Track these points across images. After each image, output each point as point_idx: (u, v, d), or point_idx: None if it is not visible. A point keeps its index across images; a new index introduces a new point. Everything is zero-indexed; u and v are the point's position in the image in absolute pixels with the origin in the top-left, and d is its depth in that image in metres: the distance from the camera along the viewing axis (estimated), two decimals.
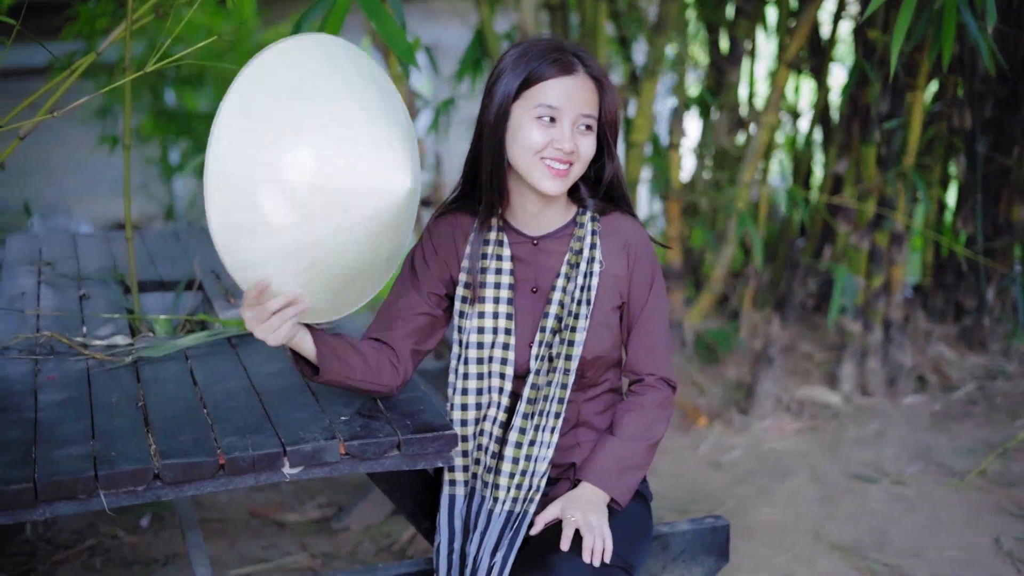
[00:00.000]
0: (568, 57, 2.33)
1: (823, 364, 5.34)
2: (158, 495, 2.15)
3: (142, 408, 2.40)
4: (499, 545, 2.36)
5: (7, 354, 2.74)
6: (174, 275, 3.48)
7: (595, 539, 2.29)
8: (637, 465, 2.45)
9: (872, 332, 5.22)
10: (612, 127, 2.40)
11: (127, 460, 2.14)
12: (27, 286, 3.34)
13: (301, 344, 2.23)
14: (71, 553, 3.84)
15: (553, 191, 2.34)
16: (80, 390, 2.51)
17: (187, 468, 2.14)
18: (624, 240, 2.48)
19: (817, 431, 4.89)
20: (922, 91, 4.99)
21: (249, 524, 4.11)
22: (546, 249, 2.47)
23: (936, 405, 5.07)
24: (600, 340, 2.46)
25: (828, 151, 5.51)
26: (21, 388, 2.52)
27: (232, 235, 2.03)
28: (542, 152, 2.31)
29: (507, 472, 2.41)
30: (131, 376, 2.61)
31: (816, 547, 3.89)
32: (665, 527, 2.75)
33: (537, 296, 2.46)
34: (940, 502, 4.21)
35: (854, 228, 5.22)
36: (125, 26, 2.97)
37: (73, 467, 2.11)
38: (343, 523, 4.03)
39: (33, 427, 2.30)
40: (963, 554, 3.82)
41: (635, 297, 2.49)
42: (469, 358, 2.45)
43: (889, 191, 5.08)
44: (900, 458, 4.61)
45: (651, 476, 4.45)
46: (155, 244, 3.87)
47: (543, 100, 2.31)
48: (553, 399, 2.42)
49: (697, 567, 2.77)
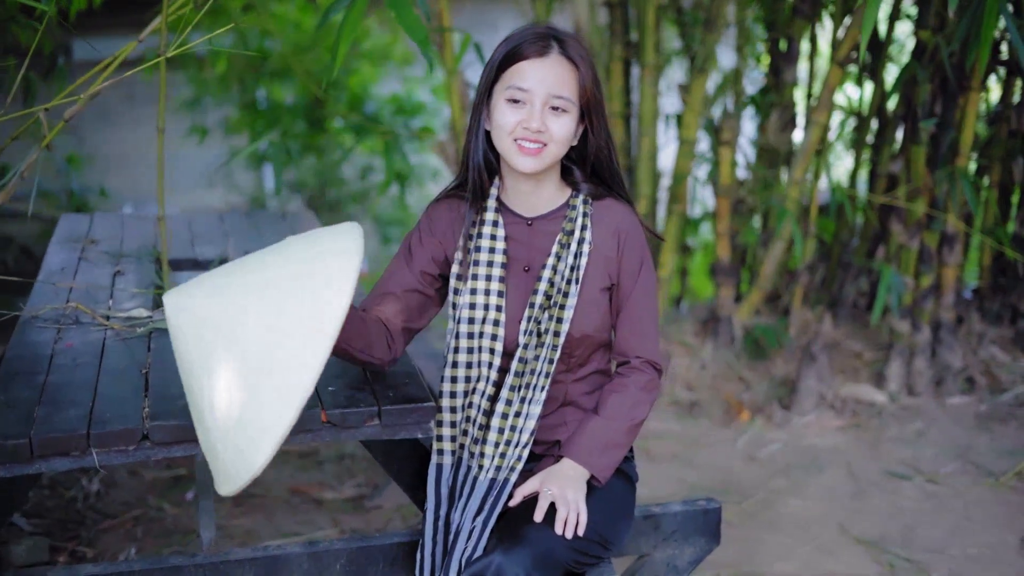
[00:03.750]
0: (545, 40, 2.43)
1: (872, 363, 5.34)
2: (148, 455, 2.28)
3: (145, 375, 2.54)
4: (480, 510, 2.47)
5: (34, 323, 2.90)
6: (209, 255, 3.63)
7: (569, 512, 2.37)
8: (618, 444, 2.53)
9: (920, 332, 5.20)
10: (594, 107, 2.48)
11: (119, 421, 2.28)
12: (68, 262, 3.51)
13: None
14: (116, 522, 4.02)
15: (527, 169, 2.43)
16: (93, 357, 2.66)
17: (175, 430, 2.28)
18: (615, 225, 2.56)
19: (859, 429, 4.90)
20: (977, 92, 4.96)
21: (289, 501, 4.25)
22: (540, 230, 2.56)
23: (982, 406, 5.04)
24: (588, 319, 2.54)
25: (882, 151, 5.49)
26: (39, 353, 2.68)
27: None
28: (513, 132, 2.42)
29: (492, 441, 2.51)
30: (143, 346, 2.75)
31: (841, 540, 3.92)
32: (657, 507, 2.82)
33: (529, 275, 2.55)
34: (972, 501, 4.21)
35: (904, 228, 5.20)
36: (162, 17, 3.10)
37: (69, 426, 2.26)
38: (375, 501, 4.16)
39: (41, 389, 2.45)
40: (987, 552, 3.83)
41: (624, 281, 2.57)
42: (460, 333, 2.55)
43: (937, 192, 5.06)
44: (938, 457, 4.61)
45: (684, 466, 4.52)
46: (199, 226, 4.02)
47: (514, 82, 2.42)
48: (540, 373, 2.51)
49: (688, 547, 2.83)
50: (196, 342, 2.12)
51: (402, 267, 2.59)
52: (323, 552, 2.59)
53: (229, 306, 2.10)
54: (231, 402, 2.08)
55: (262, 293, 2.10)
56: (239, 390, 2.07)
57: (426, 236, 2.60)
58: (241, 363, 2.07)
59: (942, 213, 5.09)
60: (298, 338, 2.04)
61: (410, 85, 9.29)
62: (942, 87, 5.00)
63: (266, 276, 2.13)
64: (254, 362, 2.06)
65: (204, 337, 2.10)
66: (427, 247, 2.59)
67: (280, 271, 2.13)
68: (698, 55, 5.29)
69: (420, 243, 2.60)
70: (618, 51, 5.56)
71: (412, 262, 2.58)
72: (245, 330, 2.07)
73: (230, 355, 2.08)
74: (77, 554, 3.77)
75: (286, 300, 2.07)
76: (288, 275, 2.11)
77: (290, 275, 2.11)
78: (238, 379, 2.07)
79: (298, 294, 2.07)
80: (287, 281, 2.10)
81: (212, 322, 2.10)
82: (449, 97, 5.34)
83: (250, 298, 2.09)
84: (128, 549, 3.80)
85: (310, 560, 2.58)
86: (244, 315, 2.08)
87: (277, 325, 2.05)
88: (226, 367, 2.08)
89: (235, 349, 2.08)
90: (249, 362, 2.07)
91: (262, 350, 2.06)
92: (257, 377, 2.06)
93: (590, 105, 2.48)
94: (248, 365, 2.07)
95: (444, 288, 2.61)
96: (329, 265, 2.11)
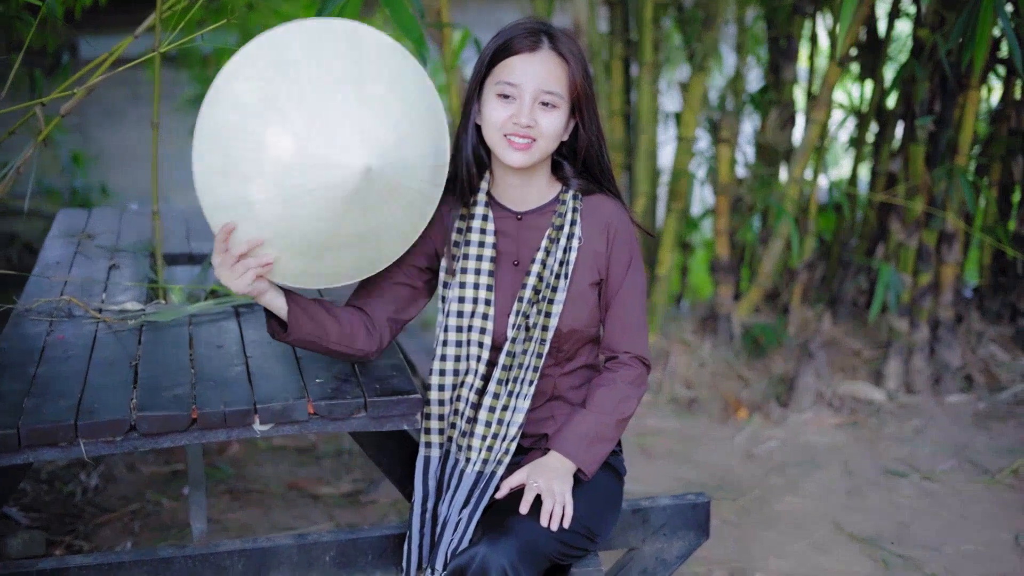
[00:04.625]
0: (535, 35, 2.43)
1: (870, 361, 5.34)
2: (135, 446, 2.30)
3: (135, 367, 2.55)
4: (467, 503, 2.48)
5: (27, 316, 2.91)
6: (204, 250, 3.64)
7: (555, 505, 2.39)
8: (605, 438, 2.54)
9: (919, 330, 5.20)
10: (585, 103, 2.48)
11: (107, 412, 2.30)
12: (63, 256, 3.53)
13: (273, 302, 2.38)
14: (113, 516, 4.04)
15: (516, 163, 2.44)
16: (83, 349, 2.68)
17: (161, 420, 2.29)
18: (605, 220, 2.57)
19: (856, 426, 4.90)
20: (976, 91, 4.96)
21: (286, 496, 4.27)
22: (530, 224, 2.57)
23: (981, 405, 5.04)
24: (577, 314, 2.55)
25: (882, 149, 5.49)
26: (31, 346, 2.70)
27: (206, 177, 2.25)
28: (503, 127, 2.42)
29: (480, 434, 2.53)
30: (134, 339, 2.77)
31: (835, 537, 3.93)
32: (646, 501, 2.83)
33: (518, 269, 2.56)
34: (968, 499, 4.21)
35: (903, 226, 5.21)
36: (157, 13, 3.12)
37: (57, 417, 2.28)
38: (371, 496, 4.17)
39: (31, 381, 2.47)
40: (981, 549, 3.83)
41: (613, 276, 2.58)
42: (449, 326, 2.56)
43: (936, 190, 5.06)
44: (935, 455, 4.61)
45: (682, 463, 4.53)
46: (195, 222, 4.04)
47: (504, 77, 2.43)
48: (528, 367, 2.52)
49: (677, 541, 2.84)
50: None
51: None
52: (312, 544, 2.61)
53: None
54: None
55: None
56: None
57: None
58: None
59: (941, 211, 5.09)
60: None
61: None
62: (941, 85, 5.00)
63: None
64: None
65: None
66: (417, 241, 2.59)
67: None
68: (697, 53, 5.29)
69: None
70: (618, 49, 5.57)
71: (402, 255, 2.59)
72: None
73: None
74: (73, 548, 3.78)
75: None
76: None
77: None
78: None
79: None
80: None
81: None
82: (448, 93, 5.35)
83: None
84: (124, 543, 3.82)
85: (300, 552, 2.60)
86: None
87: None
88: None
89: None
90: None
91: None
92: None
93: (580, 100, 2.48)
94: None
95: (433, 281, 2.63)
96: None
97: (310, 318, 2.41)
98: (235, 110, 2.21)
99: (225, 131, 2.21)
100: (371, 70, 2.28)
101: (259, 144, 2.19)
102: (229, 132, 2.21)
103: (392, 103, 2.29)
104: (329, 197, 2.22)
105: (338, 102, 2.22)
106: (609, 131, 5.55)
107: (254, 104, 2.20)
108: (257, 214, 2.22)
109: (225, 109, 2.21)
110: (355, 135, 2.21)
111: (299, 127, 2.19)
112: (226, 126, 2.21)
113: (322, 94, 2.22)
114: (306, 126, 2.19)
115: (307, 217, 2.23)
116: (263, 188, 2.19)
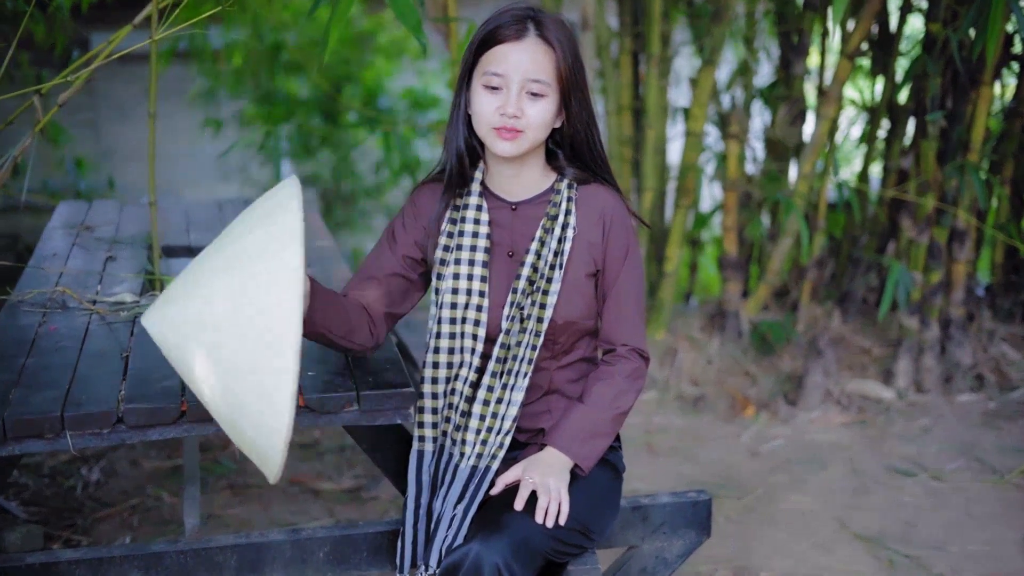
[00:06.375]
0: (521, 23, 2.38)
1: (880, 359, 5.29)
2: (123, 439, 2.26)
3: (125, 359, 2.52)
4: (462, 498, 2.44)
5: (21, 307, 2.89)
6: (203, 242, 3.60)
7: (550, 501, 2.34)
8: (603, 432, 2.50)
9: (929, 328, 5.15)
10: (573, 89, 2.44)
11: (94, 404, 2.27)
12: (60, 248, 3.51)
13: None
14: (113, 511, 4.01)
15: (505, 153, 2.40)
16: (75, 341, 2.66)
17: (149, 413, 2.26)
18: (600, 210, 2.53)
19: (864, 425, 4.86)
20: (988, 87, 4.91)
21: (286, 491, 4.24)
22: (524, 214, 2.53)
23: (991, 404, 4.99)
24: (572, 305, 2.51)
25: (892, 145, 5.44)
26: (22, 337, 2.67)
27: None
28: (491, 119, 2.38)
29: (474, 428, 2.48)
30: (127, 330, 2.74)
31: (840, 536, 3.88)
32: (645, 499, 2.79)
33: (512, 260, 2.52)
34: (974, 498, 4.16)
35: (914, 223, 5.15)
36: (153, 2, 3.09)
37: (43, 408, 2.25)
38: (372, 492, 4.14)
39: (19, 371, 2.43)
40: (987, 549, 3.78)
41: (610, 267, 2.54)
42: (443, 318, 2.52)
43: (947, 187, 5.01)
44: (943, 454, 4.56)
45: (686, 461, 4.49)
46: (196, 214, 4.01)
47: (490, 68, 2.39)
48: (522, 359, 2.48)
49: (677, 540, 2.80)
50: (177, 349, 2.10)
51: (385, 251, 2.56)
52: (306, 540, 2.57)
53: (190, 304, 2.08)
54: (226, 405, 2.07)
55: (213, 279, 2.07)
56: (227, 394, 2.06)
57: (410, 220, 2.57)
58: (223, 355, 2.04)
59: (952, 208, 5.04)
60: (269, 299, 2.01)
61: (426, 79, 9.27)
62: (953, 81, 4.94)
63: (213, 263, 2.11)
64: (232, 348, 2.04)
65: (184, 337, 2.08)
66: (411, 232, 2.56)
67: (227, 250, 2.10)
68: (706, 46, 5.24)
69: (404, 227, 2.57)
70: (627, 43, 5.52)
71: (396, 246, 2.55)
72: (215, 316, 2.04)
73: (207, 351, 2.05)
74: (72, 542, 3.76)
75: (240, 271, 2.05)
76: (235, 252, 2.08)
77: (236, 252, 2.08)
78: (223, 380, 2.05)
79: (250, 264, 2.04)
80: (235, 258, 2.07)
81: (182, 320, 2.08)
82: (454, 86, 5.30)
83: (210, 286, 2.07)
84: (123, 538, 3.80)
85: (293, 548, 2.57)
86: (210, 305, 2.05)
87: (242, 300, 2.02)
88: (207, 367, 2.06)
89: (212, 339, 2.05)
90: (229, 353, 2.04)
91: (237, 327, 2.03)
92: (239, 372, 2.03)
93: (569, 87, 2.43)
94: (230, 358, 2.04)
95: (428, 273, 2.59)
96: (274, 223, 2.07)
97: (329, 306, 2.36)
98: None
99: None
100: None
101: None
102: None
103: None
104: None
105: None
106: (617, 126, 5.51)
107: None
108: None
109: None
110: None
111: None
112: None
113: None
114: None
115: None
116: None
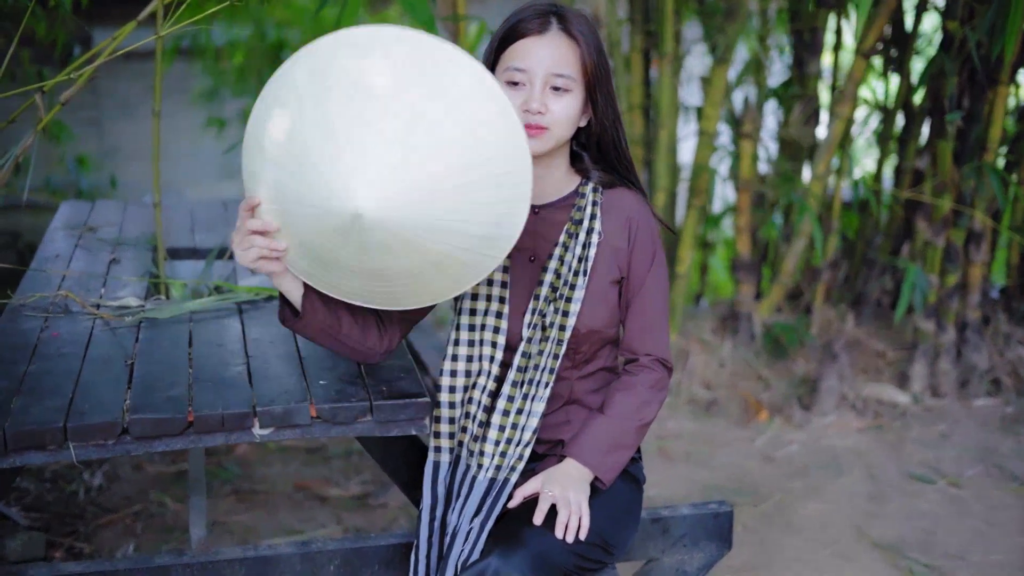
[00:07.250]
0: (544, 17, 2.30)
1: (895, 363, 5.21)
2: (127, 450, 2.18)
3: (130, 366, 2.44)
4: (479, 511, 2.36)
5: (22, 311, 2.81)
6: (209, 243, 3.53)
7: (571, 515, 2.26)
8: (625, 445, 2.42)
9: (945, 332, 5.07)
10: (599, 85, 2.35)
11: (98, 414, 2.19)
12: (63, 249, 3.43)
13: (286, 285, 2.26)
14: (116, 517, 3.94)
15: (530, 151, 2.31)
16: (78, 347, 2.58)
17: (155, 424, 2.18)
18: (627, 215, 2.44)
19: (881, 430, 4.77)
20: (1006, 86, 4.82)
21: (292, 497, 4.16)
22: (547, 218, 2.45)
23: (1008, 408, 4.91)
24: (596, 313, 2.43)
25: (908, 146, 5.35)
26: (23, 342, 2.59)
27: (249, 142, 2.12)
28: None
29: (492, 439, 2.40)
30: (132, 336, 2.66)
31: (858, 544, 3.81)
32: (666, 510, 2.71)
33: (534, 265, 2.44)
34: (995, 506, 4.09)
35: (930, 224, 5.07)
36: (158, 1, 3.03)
37: (46, 418, 2.17)
38: (380, 499, 4.06)
39: (21, 379, 2.35)
40: (1009, 558, 3.71)
41: (635, 274, 2.45)
42: (462, 324, 2.44)
43: (964, 187, 4.92)
44: (961, 460, 4.48)
45: (700, 466, 4.41)
46: (200, 214, 3.93)
47: (513, 63, 2.31)
48: (544, 369, 2.39)
49: (698, 552, 2.72)
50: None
51: None
52: (316, 553, 2.50)
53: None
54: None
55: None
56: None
57: None
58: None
59: (969, 209, 4.95)
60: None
61: None
62: (970, 80, 4.86)
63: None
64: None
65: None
66: None
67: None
68: (719, 45, 5.16)
69: None
70: (638, 42, 5.44)
71: None
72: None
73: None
74: (74, 550, 3.68)
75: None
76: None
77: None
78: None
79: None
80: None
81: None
82: None
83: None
84: (126, 546, 3.72)
85: (303, 561, 2.49)
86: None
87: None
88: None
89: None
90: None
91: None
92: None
93: (594, 82, 2.35)
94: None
95: None
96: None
97: (325, 306, 2.29)
98: (293, 90, 2.05)
99: (269, 106, 2.08)
100: (448, 118, 2.04)
101: (287, 133, 2.05)
102: (271, 107, 2.08)
103: (449, 158, 2.03)
104: (322, 220, 2.05)
105: (379, 134, 2.00)
106: (629, 125, 5.42)
107: (310, 92, 2.03)
108: (267, 199, 2.11)
109: (294, 79, 2.06)
110: (368, 174, 1.99)
111: (325, 144, 2.02)
112: (277, 99, 2.07)
113: (369, 124, 2.00)
114: (333, 146, 2.00)
115: (304, 228, 2.09)
116: (279, 182, 2.07)
